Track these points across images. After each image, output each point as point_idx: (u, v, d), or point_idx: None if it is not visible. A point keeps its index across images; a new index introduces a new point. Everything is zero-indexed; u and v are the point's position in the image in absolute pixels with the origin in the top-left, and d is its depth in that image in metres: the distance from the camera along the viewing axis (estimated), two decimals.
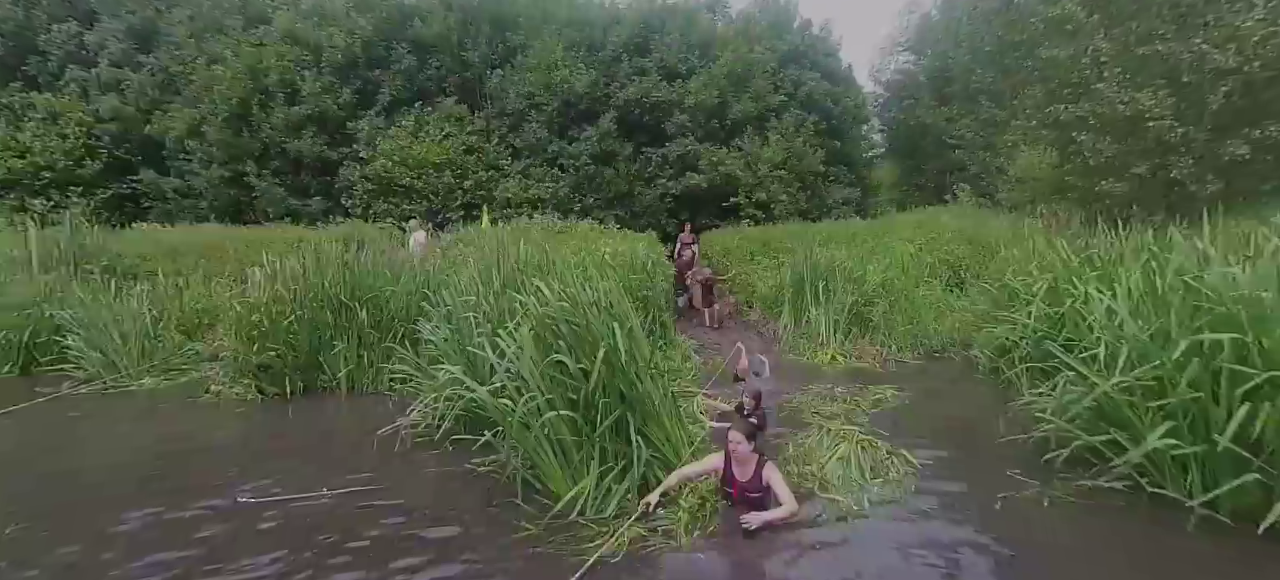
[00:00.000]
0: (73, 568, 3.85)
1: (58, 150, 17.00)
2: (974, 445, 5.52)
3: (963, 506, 4.31)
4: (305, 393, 7.81)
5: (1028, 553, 3.73)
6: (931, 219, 13.79)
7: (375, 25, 18.26)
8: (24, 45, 18.12)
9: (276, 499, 4.70)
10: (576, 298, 4.44)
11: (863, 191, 21.49)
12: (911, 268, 10.74)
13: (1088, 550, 3.78)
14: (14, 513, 4.58)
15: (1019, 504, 4.26)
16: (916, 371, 8.35)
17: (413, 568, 3.72)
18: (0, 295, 9.43)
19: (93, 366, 8.41)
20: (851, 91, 21.66)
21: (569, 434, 4.26)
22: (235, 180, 17.68)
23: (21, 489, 5.14)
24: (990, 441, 5.42)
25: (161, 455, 5.96)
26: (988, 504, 4.28)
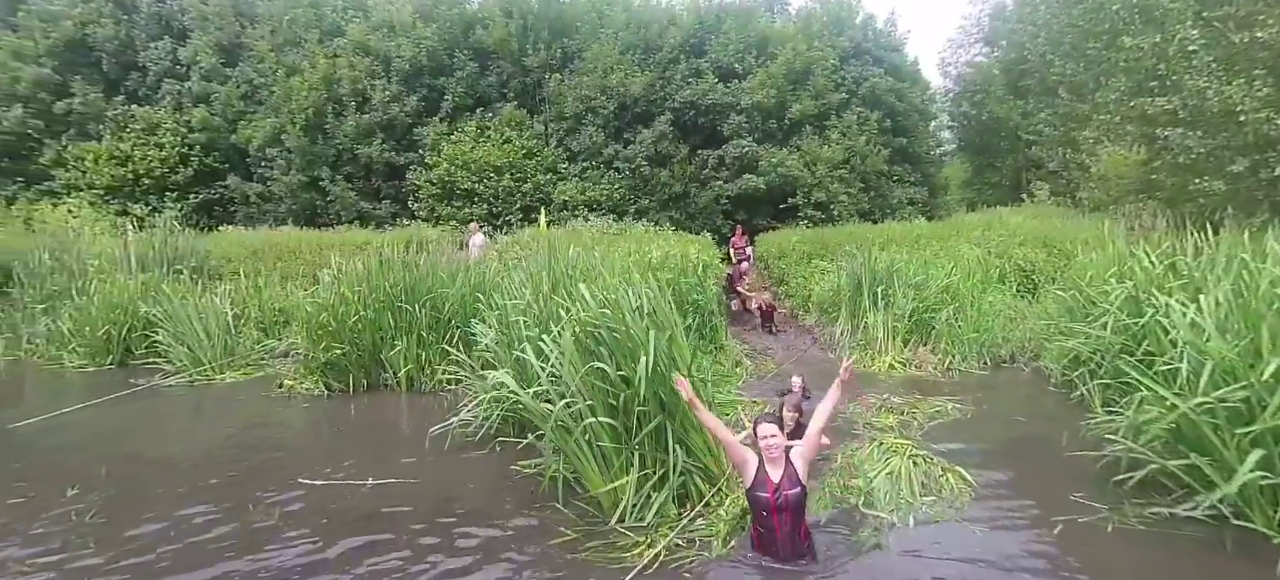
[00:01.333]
0: (153, 534, 4.28)
1: (155, 158, 18.41)
2: (1037, 464, 5.21)
3: (1018, 529, 4.08)
4: (368, 389, 8.18)
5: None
6: (1001, 220, 13.10)
7: (439, 34, 18.87)
8: (126, 63, 19.70)
9: (333, 483, 4.99)
10: (618, 304, 4.45)
11: (930, 191, 20.63)
12: (978, 272, 10.21)
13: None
14: (105, 485, 5.15)
15: (1080, 529, 3.99)
16: (980, 383, 7.95)
17: (451, 562, 3.86)
18: (104, 293, 10.29)
19: (180, 360, 9.06)
20: (917, 87, 20.84)
21: (609, 440, 4.27)
22: (311, 185, 18.65)
23: (113, 467, 5.59)
24: (1055, 461, 5.10)
25: (237, 443, 6.39)
26: (1045, 527, 4.03)
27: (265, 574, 3.77)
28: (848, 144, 17.82)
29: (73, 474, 5.34)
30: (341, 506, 4.68)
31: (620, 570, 3.62)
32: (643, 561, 3.66)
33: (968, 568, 3.64)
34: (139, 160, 18.24)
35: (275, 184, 18.60)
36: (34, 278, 11.28)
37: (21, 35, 19.09)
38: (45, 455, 6.07)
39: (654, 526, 4.07)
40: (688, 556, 3.78)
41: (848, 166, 17.79)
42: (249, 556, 3.96)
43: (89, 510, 4.65)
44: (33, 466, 5.75)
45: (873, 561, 3.74)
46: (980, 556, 3.75)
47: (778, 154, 17.41)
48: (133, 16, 19.73)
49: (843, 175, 17.62)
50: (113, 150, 18.25)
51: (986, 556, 3.75)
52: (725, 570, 3.66)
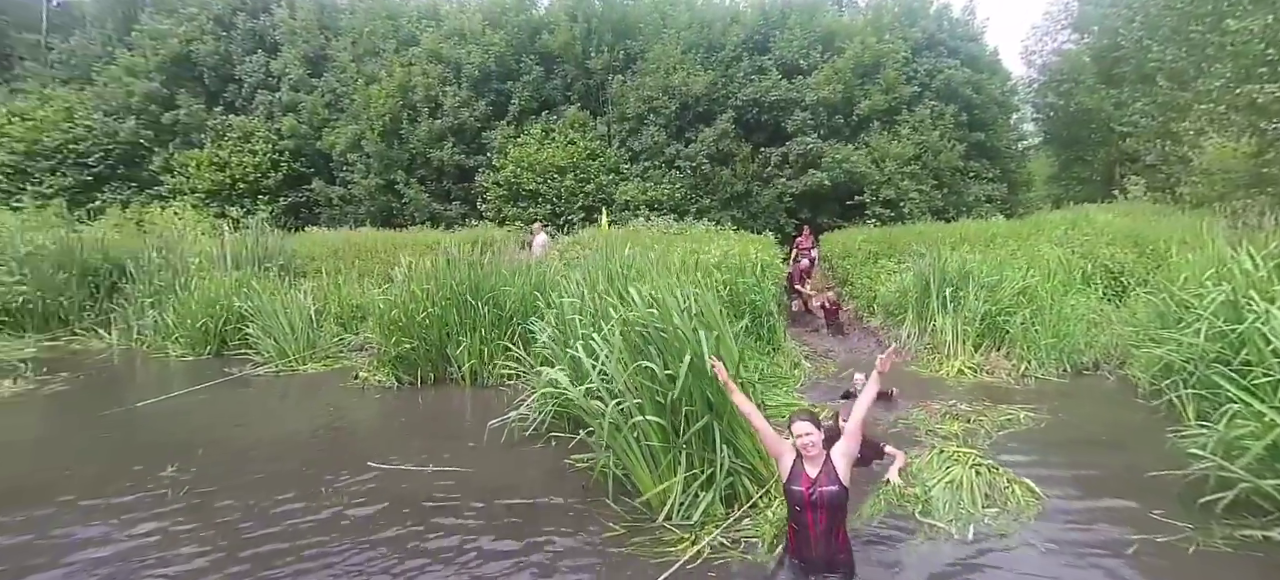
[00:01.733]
0: (237, 507, 4.68)
1: (249, 164, 19.82)
2: (1115, 479, 4.86)
3: (1087, 546, 3.83)
4: (435, 383, 8.55)
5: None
6: (1087, 218, 12.27)
7: (507, 40, 19.43)
8: (225, 76, 21.30)
9: (398, 468, 5.32)
10: (664, 304, 4.48)
11: (1010, 187, 19.57)
12: (1059, 273, 9.62)
13: None
14: (200, 463, 5.64)
15: (1159, 549, 3.72)
16: (1058, 391, 7.49)
17: (500, 546, 4.04)
18: (203, 289, 11.19)
19: (267, 352, 9.73)
20: (997, 78, 19.81)
21: (657, 439, 4.31)
22: (387, 188, 19.61)
23: (208, 448, 6.09)
24: (1137, 476, 4.75)
25: (315, 429, 6.86)
26: (1120, 546, 3.78)
27: (332, 547, 4.06)
28: (920, 139, 17.16)
29: (173, 452, 5.86)
30: (405, 490, 4.94)
31: (662, 565, 3.65)
32: (684, 557, 3.67)
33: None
34: (235, 166, 19.69)
35: (355, 187, 19.65)
36: (144, 274, 12.37)
37: (135, 53, 20.95)
38: (152, 434, 6.67)
39: (700, 525, 4.08)
40: (732, 556, 3.77)
41: (919, 162, 17.13)
42: (319, 531, 4.30)
43: (184, 485, 5.11)
44: (141, 444, 6.33)
45: (925, 574, 3.61)
46: (1040, 572, 3.55)
47: (843, 150, 16.95)
48: (231, 33, 21.30)
49: (914, 172, 16.99)
50: (213, 157, 19.76)
51: (1047, 573, 3.55)
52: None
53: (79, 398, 8.34)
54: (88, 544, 4.15)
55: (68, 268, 12.71)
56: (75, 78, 21.99)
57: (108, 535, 4.29)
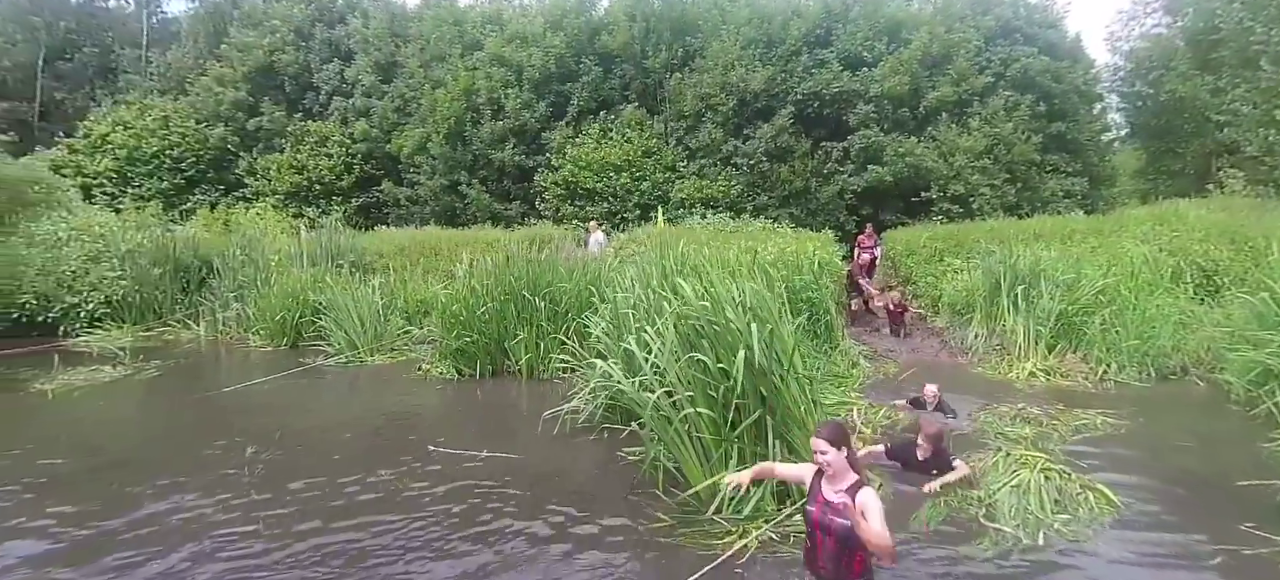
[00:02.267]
0: (306, 483, 4.97)
1: (324, 167, 20.89)
2: (1201, 488, 4.52)
3: (1168, 557, 3.59)
4: (493, 375, 8.78)
5: None
6: (1177, 213, 11.41)
7: (567, 42, 19.74)
8: (304, 84, 22.53)
9: (454, 452, 5.53)
10: (717, 298, 4.45)
11: (1091, 181, 18.41)
12: (1145, 271, 8.99)
13: None
14: (276, 445, 6.02)
15: (1244, 562, 3.44)
16: (1140, 396, 7.01)
17: (548, 529, 4.14)
18: (281, 284, 11.87)
19: (339, 344, 10.22)
20: (1079, 66, 18.68)
21: (709, 432, 4.28)
22: (452, 189, 20.26)
23: (284, 431, 6.46)
24: (1226, 485, 4.41)
25: (381, 415, 7.18)
26: (1202, 557, 3.52)
27: (390, 521, 4.31)
28: (992, 131, 16.37)
29: (251, 434, 6.27)
30: (461, 473, 5.14)
31: (708, 557, 3.62)
32: (731, 550, 3.64)
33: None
34: (312, 169, 20.79)
35: (421, 188, 20.39)
36: (228, 270, 13.24)
37: (223, 65, 22.41)
38: (233, 417, 7.13)
39: (750, 519, 4.03)
40: (782, 549, 3.72)
41: (991, 156, 16.35)
42: (378, 507, 4.56)
43: (260, 463, 5.46)
44: (223, 426, 6.78)
45: (987, 575, 3.45)
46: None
47: (907, 143, 16.36)
48: (309, 44, 22.49)
49: (985, 166, 16.23)
50: (292, 160, 20.93)
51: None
52: None
53: (170, 383, 9.01)
54: (180, 508, 4.53)
55: (162, 264, 13.71)
56: (171, 89, 23.72)
57: (196, 502, 4.64)
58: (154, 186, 21.07)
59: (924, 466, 4.74)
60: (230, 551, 3.92)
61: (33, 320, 12.55)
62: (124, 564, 3.73)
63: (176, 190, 21.45)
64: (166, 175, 21.41)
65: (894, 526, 3.11)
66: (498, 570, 3.63)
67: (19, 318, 12.50)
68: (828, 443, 3.10)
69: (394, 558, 3.82)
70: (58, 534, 4.08)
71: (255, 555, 3.85)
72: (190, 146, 21.67)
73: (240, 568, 3.72)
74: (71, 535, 4.06)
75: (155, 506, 4.58)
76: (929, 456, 4.74)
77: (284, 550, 3.90)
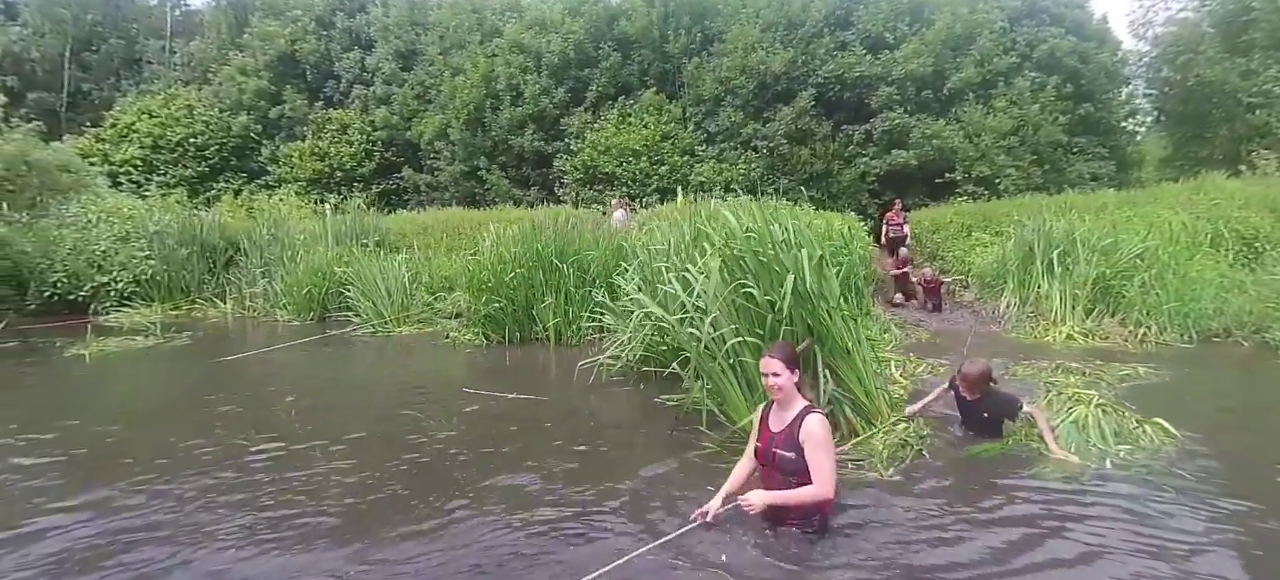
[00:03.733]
0: (344, 420, 4.98)
1: (346, 154, 21.07)
2: (1261, 425, 4.38)
3: (1238, 480, 3.46)
4: (521, 342, 8.77)
5: None
6: (1214, 184, 11.19)
7: (586, 27, 19.74)
8: (325, 73, 22.75)
9: (485, 393, 5.60)
10: (763, 230, 4.39)
11: (1119, 164, 18.12)
12: (1182, 237, 8.81)
13: None
14: (315, 396, 6.04)
15: None
16: (1183, 356, 6.86)
17: (593, 460, 4.13)
18: (308, 260, 11.95)
19: (366, 314, 10.27)
20: (1106, 47, 18.39)
21: (754, 360, 4.22)
22: (471, 174, 20.34)
23: (320, 386, 6.50)
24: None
25: (411, 372, 7.27)
26: (1271, 481, 3.38)
27: (427, 454, 4.32)
28: (1019, 112, 16.14)
29: (291, 388, 6.30)
30: (497, 414, 5.15)
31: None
32: None
33: (1179, 508, 3.15)
34: (334, 156, 20.97)
35: (441, 174, 20.50)
36: (255, 249, 13.37)
37: (246, 55, 22.65)
38: (269, 376, 7.17)
39: None
40: (843, 475, 3.65)
41: (1017, 137, 16.12)
42: (418, 440, 4.58)
43: (300, 409, 5.49)
44: (259, 380, 6.84)
45: (1054, 494, 3.36)
46: (1195, 499, 3.23)
47: (932, 125, 16.17)
48: (330, 33, 22.69)
49: (1011, 146, 16.00)
50: (314, 148, 21.12)
51: (1201, 499, 3.23)
52: (878, 493, 3.47)
53: (202, 349, 9.11)
54: (234, 443, 4.56)
55: (189, 245, 13.85)
56: (195, 78, 24.04)
57: (246, 436, 4.66)
58: (179, 174, 21.36)
59: (976, 411, 4.30)
60: (285, 473, 3.95)
61: (64, 299, 12.72)
62: (192, 486, 3.76)
63: (201, 178, 21.72)
64: (191, 163, 21.69)
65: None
66: (542, 490, 3.60)
67: (51, 296, 12.67)
68: (782, 363, 2.91)
69: (439, 478, 3.82)
70: (126, 470, 4.12)
71: (311, 477, 3.88)
72: (214, 135, 21.94)
73: (305, 485, 3.78)
74: (135, 471, 4.09)
75: (204, 440, 4.61)
76: (979, 400, 4.29)
77: (335, 473, 3.91)
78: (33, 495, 3.69)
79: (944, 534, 3.00)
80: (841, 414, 4.19)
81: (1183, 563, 2.68)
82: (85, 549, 3.02)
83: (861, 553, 2.82)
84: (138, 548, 3.02)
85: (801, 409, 2.92)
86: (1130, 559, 2.71)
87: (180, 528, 3.22)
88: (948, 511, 3.22)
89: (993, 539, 2.94)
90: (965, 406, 4.38)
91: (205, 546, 3.02)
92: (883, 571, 2.68)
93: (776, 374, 2.90)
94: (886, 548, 2.87)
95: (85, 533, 3.18)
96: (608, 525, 3.16)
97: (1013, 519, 3.13)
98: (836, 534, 2.98)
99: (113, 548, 3.02)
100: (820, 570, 2.69)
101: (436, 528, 3.14)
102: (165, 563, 2.89)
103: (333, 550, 2.95)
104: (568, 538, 3.03)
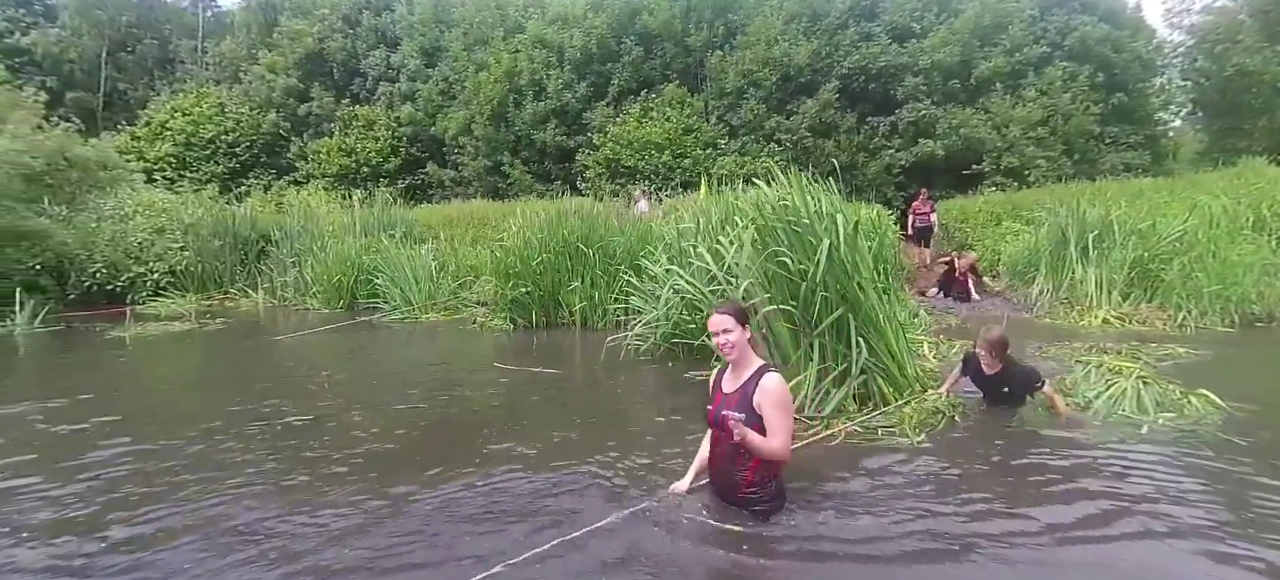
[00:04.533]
0: (375, 389, 5.18)
1: (372, 150, 21.37)
2: None
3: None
4: (547, 326, 8.83)
5: None
6: (1255, 170, 10.89)
7: (608, 22, 19.79)
8: (351, 70, 23.10)
9: (514, 368, 5.71)
10: (796, 201, 4.38)
11: (1153, 155, 17.67)
12: (1223, 221, 8.58)
13: None
14: (347, 370, 6.25)
15: None
16: (1225, 339, 6.68)
17: (614, 427, 4.17)
18: (337, 250, 12.16)
19: (393, 301, 10.42)
20: (1140, 36, 17.97)
21: (787, 332, 4.21)
22: (494, 169, 20.51)
23: (351, 365, 6.62)
24: None
25: (438, 353, 7.37)
26: None
27: (464, 419, 4.43)
28: (1049, 102, 15.83)
29: (324, 364, 6.45)
30: (526, 387, 5.24)
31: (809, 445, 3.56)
32: (822, 435, 3.57)
33: (1219, 474, 3.08)
34: (360, 152, 21.29)
35: (465, 169, 20.70)
36: (286, 239, 13.64)
37: (275, 53, 23.08)
38: (301, 355, 7.33)
39: (832, 418, 3.95)
40: (872, 439, 3.63)
41: (1047, 127, 15.81)
42: (450, 408, 4.72)
43: (333, 382, 5.61)
44: (293, 361, 6.99)
45: (1092, 455, 3.31)
46: (1229, 468, 3.15)
47: (959, 114, 15.93)
48: (356, 30, 23.03)
49: (1041, 136, 15.70)
50: (340, 144, 21.46)
51: (1239, 468, 3.14)
52: (906, 457, 3.44)
53: (237, 334, 9.32)
54: (253, 413, 4.67)
55: (222, 237, 14.18)
56: (226, 77, 24.56)
57: (285, 405, 4.77)
58: (210, 171, 21.82)
59: (997, 385, 4.18)
60: (318, 431, 4.07)
61: (103, 289, 13.08)
62: (233, 437, 3.87)
63: (231, 174, 22.17)
64: (222, 159, 22.15)
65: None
66: (575, 448, 3.63)
67: (90, 287, 13.04)
68: (733, 318, 2.72)
69: (471, 438, 3.87)
70: (170, 426, 4.26)
71: (342, 434, 3.98)
72: (244, 132, 22.40)
73: (336, 440, 3.91)
74: (181, 428, 4.22)
75: (243, 402, 4.76)
76: (999, 372, 4.12)
77: (362, 429, 4.00)
78: (88, 446, 3.83)
79: (970, 498, 2.97)
80: (874, 382, 4.16)
81: (1211, 529, 2.61)
82: (136, 480, 3.19)
83: (890, 516, 2.79)
84: (190, 485, 3.19)
85: (757, 368, 2.72)
86: (1154, 522, 2.65)
87: (223, 467, 3.41)
88: (974, 477, 3.20)
89: (1018, 504, 2.89)
90: (986, 382, 4.24)
91: (243, 484, 3.21)
92: (905, 536, 2.64)
93: (727, 330, 2.70)
94: (909, 511, 2.83)
95: (127, 470, 3.33)
96: (613, 485, 3.19)
97: (1040, 485, 3.08)
98: (855, 498, 2.96)
99: (160, 483, 3.18)
100: (836, 541, 2.64)
101: (440, 476, 3.29)
102: (212, 501, 3.04)
103: (354, 488, 3.14)
104: (564, 492, 3.11)
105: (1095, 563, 2.38)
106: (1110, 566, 2.35)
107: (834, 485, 3.08)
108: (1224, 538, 2.51)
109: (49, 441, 4.07)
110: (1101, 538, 2.55)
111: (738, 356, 2.74)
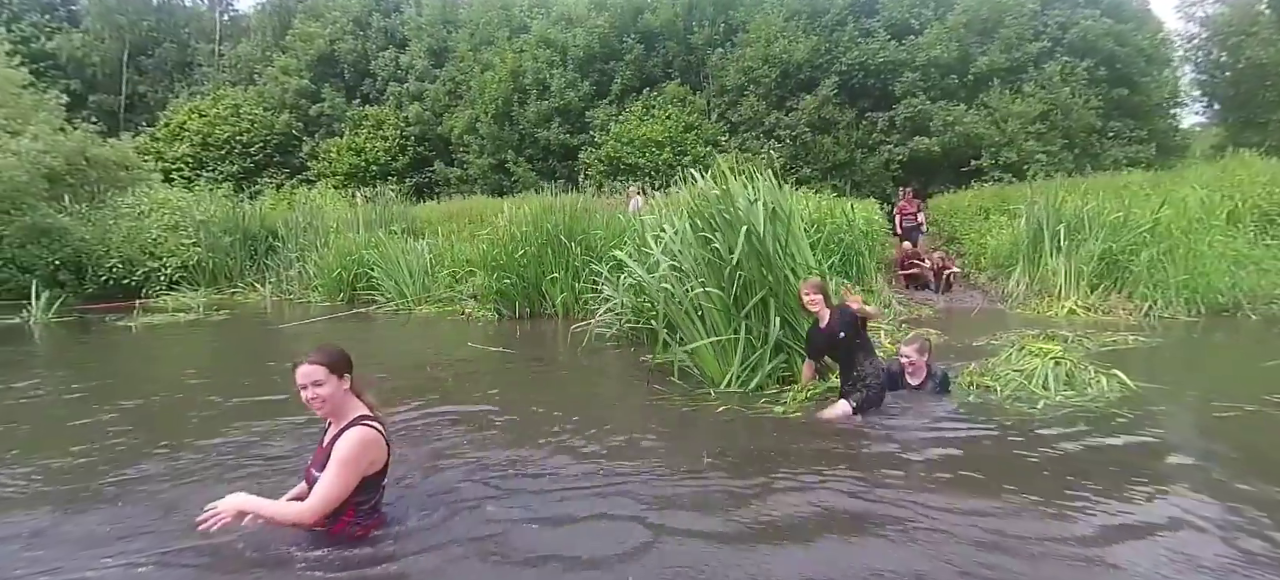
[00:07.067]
0: (376, 365, 5.26)
1: (380, 149, 21.91)
2: (1229, 384, 4.38)
3: (1174, 420, 3.53)
4: (531, 316, 9.15)
5: None
6: (1239, 163, 10.84)
7: (610, 21, 20.06)
8: (361, 71, 23.68)
9: (488, 350, 6.12)
10: (729, 189, 4.61)
11: (1159, 149, 17.44)
12: (1197, 211, 8.60)
13: None
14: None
15: (1250, 417, 3.35)
16: (1185, 328, 6.77)
17: (565, 398, 4.48)
18: (338, 245, 12.61)
19: (389, 293, 10.82)
20: (1145, 28, 17.75)
21: (718, 310, 4.45)
22: (499, 167, 20.91)
23: (350, 345, 6.97)
24: (1256, 381, 4.26)
25: (427, 340, 7.81)
26: (1207, 422, 3.45)
27: (438, 395, 4.71)
28: (1049, 97, 15.76)
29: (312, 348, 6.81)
30: (495, 367, 5.53)
31: (699, 412, 3.82)
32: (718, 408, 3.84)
33: (1095, 446, 3.26)
34: (369, 151, 21.83)
35: (470, 167, 21.13)
36: (292, 234, 14.15)
37: (288, 55, 23.73)
38: (298, 342, 7.72)
39: (756, 397, 4.19)
40: (757, 410, 3.89)
41: (1047, 121, 15.74)
42: (432, 387, 5.02)
43: None
44: (291, 347, 7.36)
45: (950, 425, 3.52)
46: (1117, 429, 3.33)
47: (955, 110, 15.93)
48: (366, 32, 23.60)
49: (1040, 131, 15.63)
50: (350, 144, 22.02)
51: (1115, 436, 3.32)
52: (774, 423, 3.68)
53: (239, 324, 9.81)
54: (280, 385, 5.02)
55: (232, 233, 14.73)
56: (241, 79, 25.28)
57: (256, 384, 5.13)
58: (226, 170, 22.48)
59: (833, 335, 3.88)
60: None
61: (119, 283, 13.67)
62: (230, 411, 4.23)
63: (246, 173, 22.83)
64: (237, 159, 22.83)
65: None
66: (543, 418, 3.94)
67: (107, 281, 13.64)
68: (324, 368, 2.32)
69: (440, 420, 4.20)
70: (192, 403, 4.65)
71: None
72: (258, 132, 23.07)
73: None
74: (198, 405, 4.60)
75: (253, 381, 5.13)
76: (831, 320, 3.89)
77: None
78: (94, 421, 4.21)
79: (810, 466, 3.12)
80: (795, 364, 4.39)
81: (1058, 501, 2.66)
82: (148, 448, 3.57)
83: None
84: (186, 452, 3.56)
85: (353, 420, 2.36)
86: (1014, 496, 2.72)
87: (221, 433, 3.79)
88: (827, 450, 3.38)
89: (872, 476, 2.99)
90: (825, 337, 3.97)
91: (243, 448, 3.62)
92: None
93: (318, 383, 2.30)
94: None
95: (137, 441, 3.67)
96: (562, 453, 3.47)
97: (897, 458, 3.25)
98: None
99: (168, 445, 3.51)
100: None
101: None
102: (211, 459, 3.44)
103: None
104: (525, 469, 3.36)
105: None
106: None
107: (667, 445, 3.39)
108: (1046, 500, 2.64)
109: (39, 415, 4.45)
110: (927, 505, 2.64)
111: (330, 411, 2.37)
